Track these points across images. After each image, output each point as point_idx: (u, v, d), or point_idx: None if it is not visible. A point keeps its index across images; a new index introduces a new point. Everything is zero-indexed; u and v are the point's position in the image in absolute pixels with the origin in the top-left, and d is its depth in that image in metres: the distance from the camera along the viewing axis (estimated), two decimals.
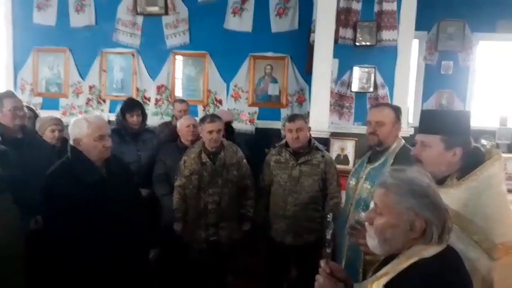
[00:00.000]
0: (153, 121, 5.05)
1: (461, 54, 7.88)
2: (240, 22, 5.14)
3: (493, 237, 1.42)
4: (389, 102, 4.30)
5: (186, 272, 3.24)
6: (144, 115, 3.52)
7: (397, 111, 2.32)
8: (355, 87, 4.60)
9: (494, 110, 8.36)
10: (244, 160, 3.13)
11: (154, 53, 5.30)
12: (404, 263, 1.17)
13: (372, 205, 2.07)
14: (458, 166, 1.56)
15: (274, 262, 3.06)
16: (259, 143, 4.61)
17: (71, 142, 2.19)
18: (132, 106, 3.44)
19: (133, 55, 5.35)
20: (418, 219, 1.15)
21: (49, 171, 2.16)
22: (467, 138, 1.58)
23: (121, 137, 3.37)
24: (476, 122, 8.29)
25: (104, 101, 5.52)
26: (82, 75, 5.56)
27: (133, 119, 3.39)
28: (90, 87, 5.54)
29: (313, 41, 4.22)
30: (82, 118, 2.21)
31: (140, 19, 5.29)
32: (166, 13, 5.20)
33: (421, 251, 1.16)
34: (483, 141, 7.92)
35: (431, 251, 1.16)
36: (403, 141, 2.32)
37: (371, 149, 2.44)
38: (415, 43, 7.81)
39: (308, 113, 4.52)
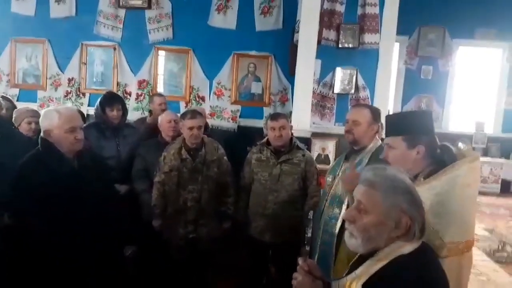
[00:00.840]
0: (133, 116, 4.97)
1: (441, 60, 8.07)
2: (224, 19, 5.12)
3: (444, 236, 1.47)
4: (370, 104, 4.37)
5: (166, 269, 3.20)
6: (124, 110, 3.45)
7: (375, 112, 2.36)
8: (337, 88, 4.65)
9: (471, 115, 8.60)
10: (225, 157, 3.11)
11: (136, 47, 5.24)
12: (383, 261, 1.17)
13: (346, 201, 2.11)
14: (425, 165, 1.61)
15: (254, 259, 3.06)
16: (242, 141, 4.60)
17: (42, 133, 2.14)
18: (112, 100, 3.37)
19: (114, 48, 5.26)
20: (404, 216, 1.16)
21: (20, 163, 2.11)
22: (429, 136, 1.63)
23: (100, 131, 3.30)
24: (454, 126, 8.52)
25: (83, 94, 5.41)
26: (61, 67, 5.44)
27: (113, 113, 3.31)
28: (69, 80, 5.43)
29: (297, 41, 4.25)
30: (52, 109, 2.15)
31: (122, 12, 5.21)
32: (149, 7, 5.15)
33: (399, 249, 1.17)
34: (460, 144, 8.14)
35: (409, 247, 1.17)
36: (380, 141, 2.35)
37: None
38: (396, 47, 7.97)
39: (291, 112, 4.54)
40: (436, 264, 1.21)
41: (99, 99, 3.44)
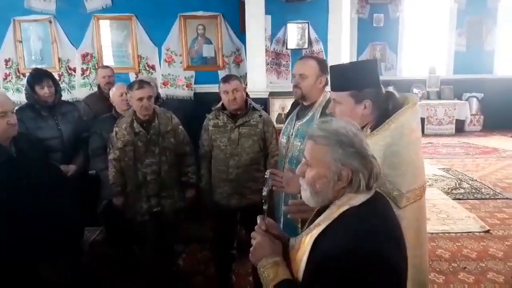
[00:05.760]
0: (81, 93, 4.73)
1: (391, 6, 8.11)
2: None
3: (401, 186, 1.48)
4: (324, 57, 4.33)
5: (134, 246, 3.16)
6: (56, 85, 3.20)
7: (322, 64, 2.26)
8: (290, 44, 4.57)
9: (424, 59, 8.80)
10: (180, 127, 3.01)
11: (73, 18, 4.89)
12: (335, 213, 1.18)
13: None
14: (372, 117, 1.58)
15: (222, 225, 3.04)
16: (199, 109, 4.47)
17: None
18: (40, 77, 3.09)
19: (50, 21, 4.89)
20: (345, 168, 1.15)
21: None
22: (375, 89, 1.58)
23: (36, 112, 3.07)
24: (408, 72, 8.72)
25: (23, 75, 5.05)
26: None
27: (44, 91, 3.06)
28: (6, 61, 5.07)
29: None
30: None
31: None
32: None
33: (349, 200, 1.17)
34: (415, 90, 8.38)
35: (359, 199, 1.17)
36: (329, 94, 2.22)
37: (298, 105, 2.41)
38: None
39: (246, 74, 4.44)
40: (388, 213, 1.21)
41: (26, 79, 3.18)
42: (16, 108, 3.21)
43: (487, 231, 3.73)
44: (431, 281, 2.95)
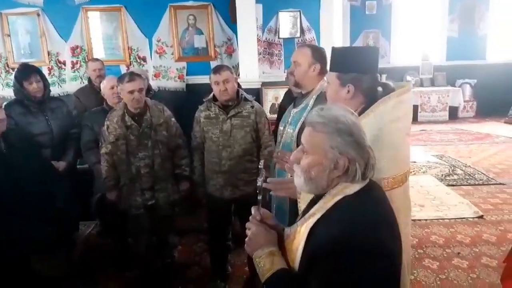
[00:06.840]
0: (72, 87, 4.67)
1: None
2: None
3: (377, 173, 1.44)
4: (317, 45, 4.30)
5: (129, 239, 3.15)
6: (45, 80, 3.16)
7: (316, 52, 2.24)
8: (284, 33, 4.54)
9: (417, 47, 8.77)
10: (173, 119, 2.99)
11: (61, 10, 4.80)
12: (330, 202, 1.17)
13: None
14: (358, 103, 1.57)
15: (216, 217, 3.04)
16: (192, 100, 4.43)
17: None
18: (28, 72, 3.04)
19: (38, 14, 4.80)
20: (342, 157, 1.14)
21: None
22: (365, 76, 1.56)
23: (25, 107, 3.03)
24: (401, 60, 8.70)
25: (13, 69, 4.96)
26: None
27: (33, 86, 3.02)
28: None
29: None
30: None
31: None
32: None
33: (344, 189, 1.17)
34: (408, 77, 8.37)
35: (354, 188, 1.16)
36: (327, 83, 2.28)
37: (291, 94, 2.42)
38: None
39: (238, 64, 4.41)
40: (382, 202, 1.21)
41: (13, 75, 3.13)
42: (5, 103, 3.17)
43: (481, 217, 3.76)
44: (425, 267, 2.98)
